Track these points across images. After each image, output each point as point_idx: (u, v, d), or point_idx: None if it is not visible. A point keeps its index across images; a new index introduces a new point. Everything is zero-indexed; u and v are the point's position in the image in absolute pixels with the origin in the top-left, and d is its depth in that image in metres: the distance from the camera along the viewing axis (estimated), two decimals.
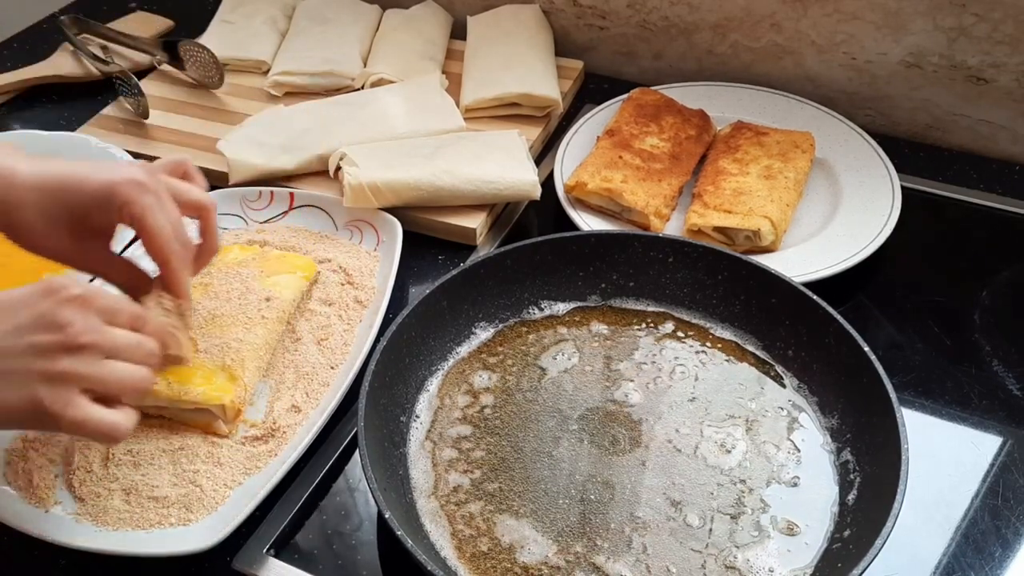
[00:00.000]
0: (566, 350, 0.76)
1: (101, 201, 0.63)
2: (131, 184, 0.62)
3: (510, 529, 0.64)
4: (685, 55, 1.09)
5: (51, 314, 0.54)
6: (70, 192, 0.63)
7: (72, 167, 0.63)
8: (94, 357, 0.55)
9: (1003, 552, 0.64)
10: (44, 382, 0.53)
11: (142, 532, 0.63)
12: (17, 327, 0.54)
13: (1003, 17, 0.92)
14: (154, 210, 0.62)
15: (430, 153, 0.91)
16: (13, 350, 0.53)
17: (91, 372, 0.55)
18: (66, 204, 0.63)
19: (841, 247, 0.83)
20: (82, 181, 0.63)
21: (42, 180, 0.63)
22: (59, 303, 0.55)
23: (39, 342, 0.54)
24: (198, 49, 1.06)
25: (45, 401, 0.53)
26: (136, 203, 0.62)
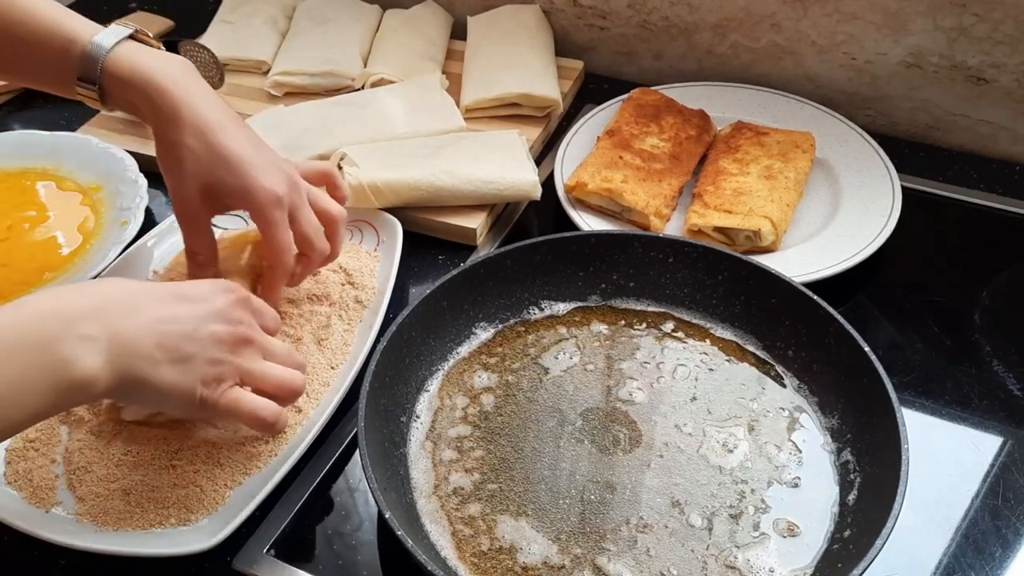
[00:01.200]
0: (566, 350, 0.76)
1: (238, 194, 0.68)
2: (270, 197, 0.68)
3: (510, 529, 0.64)
4: (685, 55, 1.09)
5: (227, 310, 0.60)
6: (220, 170, 0.67)
7: (239, 144, 0.68)
8: (256, 354, 0.62)
9: (1003, 552, 0.64)
10: (213, 368, 0.58)
11: (142, 532, 0.63)
12: (201, 316, 0.59)
13: (1003, 17, 0.92)
14: (279, 227, 0.68)
15: (430, 153, 0.91)
16: (196, 336, 0.58)
17: (253, 367, 0.61)
18: (215, 175, 0.67)
19: (841, 247, 0.83)
20: (236, 169, 0.67)
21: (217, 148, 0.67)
22: (232, 303, 0.61)
23: (218, 332, 0.59)
24: (198, 49, 1.06)
25: (210, 384, 0.58)
26: (265, 214, 0.68)
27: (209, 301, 0.60)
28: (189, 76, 0.69)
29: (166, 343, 0.56)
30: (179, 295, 0.59)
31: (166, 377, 0.56)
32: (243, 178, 0.67)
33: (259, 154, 0.69)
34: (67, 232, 0.89)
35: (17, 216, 0.91)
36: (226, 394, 0.60)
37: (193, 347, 0.57)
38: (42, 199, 0.94)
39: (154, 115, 0.68)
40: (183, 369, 0.57)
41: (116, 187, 0.92)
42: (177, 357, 0.57)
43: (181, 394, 0.57)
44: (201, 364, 0.58)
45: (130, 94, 0.68)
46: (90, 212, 0.91)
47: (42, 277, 0.84)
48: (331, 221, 0.74)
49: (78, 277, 0.82)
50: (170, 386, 0.57)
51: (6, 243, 0.88)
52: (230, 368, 0.60)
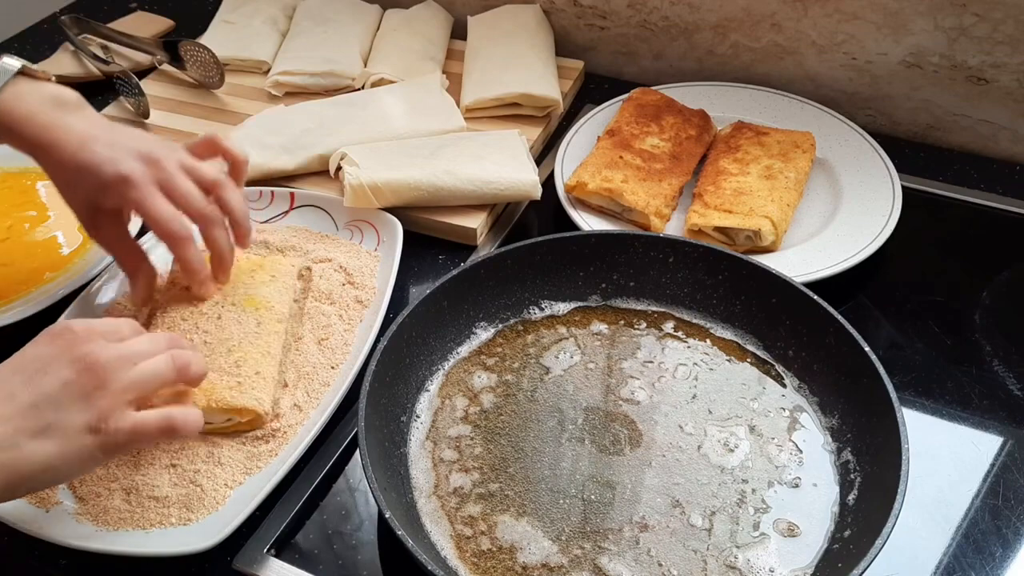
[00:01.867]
0: (567, 350, 0.76)
1: (102, 192, 0.69)
2: (118, 179, 0.68)
3: (510, 529, 0.64)
4: (685, 55, 1.09)
5: (64, 351, 0.56)
6: (84, 180, 0.69)
7: (91, 152, 0.69)
8: (122, 368, 0.57)
9: (1003, 552, 0.64)
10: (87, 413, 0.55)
11: (142, 532, 0.63)
12: (36, 374, 0.55)
13: (1004, 17, 0.92)
14: (144, 202, 0.69)
15: (430, 153, 0.91)
16: (44, 397, 0.54)
17: (126, 383, 0.57)
18: (82, 186, 0.70)
19: (841, 247, 0.83)
20: (88, 170, 0.69)
21: (78, 162, 0.69)
22: (66, 343, 0.57)
23: (65, 376, 0.55)
24: (198, 49, 1.06)
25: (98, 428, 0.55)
26: (128, 200, 0.69)
27: (41, 356, 0.56)
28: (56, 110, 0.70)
29: (19, 423, 0.53)
30: (10, 370, 0.56)
31: (43, 453, 0.53)
32: (95, 175, 0.68)
33: (112, 148, 0.69)
34: (67, 232, 0.89)
35: (17, 216, 0.91)
36: (120, 426, 0.56)
37: (49, 411, 0.54)
38: (42, 199, 0.93)
39: (28, 151, 0.71)
40: (55, 435, 0.54)
41: None
42: (38, 430, 0.53)
43: (77, 458, 0.54)
44: (70, 417, 0.54)
45: (5, 138, 0.71)
46: None
47: (42, 277, 0.84)
48: (209, 186, 0.72)
49: (78, 277, 0.82)
50: (57, 459, 0.54)
51: (6, 243, 0.88)
52: (105, 400, 0.55)
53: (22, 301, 0.81)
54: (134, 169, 0.68)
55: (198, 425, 0.60)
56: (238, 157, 0.76)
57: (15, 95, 0.70)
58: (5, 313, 0.79)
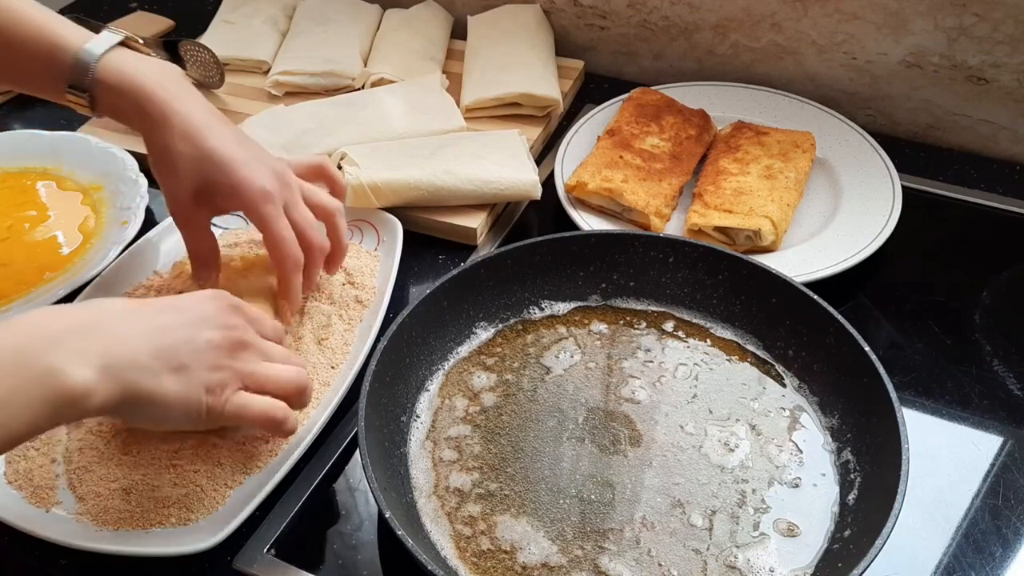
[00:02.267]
0: (567, 350, 0.76)
1: (229, 193, 0.69)
2: (259, 193, 0.68)
3: (510, 529, 0.64)
4: (685, 55, 1.09)
5: (219, 316, 0.60)
6: (209, 170, 0.68)
7: (227, 144, 0.69)
8: (255, 357, 0.61)
9: (1003, 552, 0.64)
10: (214, 374, 0.58)
11: (142, 532, 0.63)
12: (194, 323, 0.58)
13: (1003, 17, 0.92)
14: (274, 221, 0.69)
15: (430, 153, 0.91)
16: (191, 344, 0.57)
17: (255, 369, 0.61)
18: (204, 176, 0.68)
19: (841, 247, 0.83)
20: (224, 168, 0.68)
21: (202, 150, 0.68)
22: (223, 308, 0.61)
23: (213, 338, 0.58)
24: (198, 49, 1.06)
25: (214, 391, 0.58)
26: (256, 211, 0.68)
27: (199, 308, 0.60)
28: (176, 81, 0.70)
29: (162, 353, 0.56)
30: (169, 306, 0.59)
31: (169, 388, 0.56)
32: (231, 176, 0.68)
33: (247, 152, 0.70)
34: (67, 232, 0.89)
35: (18, 216, 0.91)
36: (232, 399, 0.59)
37: (190, 354, 0.57)
38: (42, 199, 0.94)
39: (143, 121, 0.68)
40: (184, 378, 0.56)
41: (116, 186, 0.92)
42: (176, 366, 0.56)
43: (185, 404, 0.57)
44: (201, 371, 0.57)
45: (119, 101, 0.69)
46: (90, 212, 0.91)
47: (43, 277, 0.84)
48: (327, 215, 0.74)
49: (79, 277, 0.82)
50: (174, 396, 0.56)
51: (6, 243, 0.88)
52: (231, 373, 0.59)
53: (22, 301, 0.81)
54: (274, 186, 0.69)
55: (293, 429, 0.63)
56: (343, 186, 0.79)
57: (122, 61, 0.68)
58: (5, 313, 0.79)
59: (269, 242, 0.70)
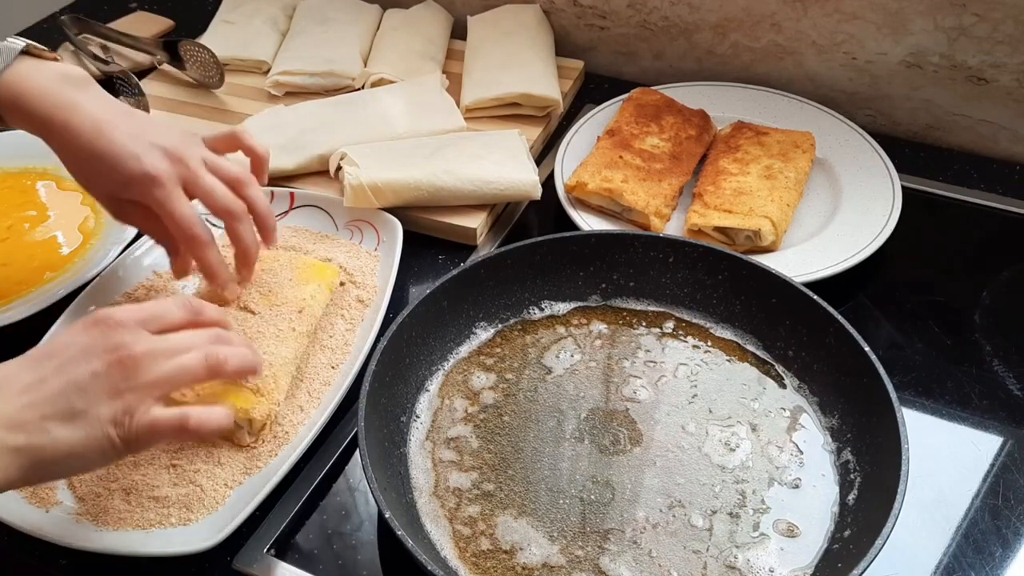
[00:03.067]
0: (567, 350, 0.76)
1: (126, 188, 0.68)
2: (146, 180, 0.67)
3: (510, 529, 0.64)
4: (685, 55, 1.09)
5: (97, 342, 0.56)
6: (105, 173, 0.67)
7: (116, 146, 0.67)
8: (153, 363, 0.56)
9: (1003, 552, 0.64)
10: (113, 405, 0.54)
11: (142, 532, 0.63)
12: (70, 364, 0.55)
13: (1003, 17, 0.92)
14: (167, 203, 0.67)
15: (430, 153, 0.91)
16: (75, 384, 0.54)
17: (154, 378, 0.56)
18: (103, 179, 0.68)
19: (841, 247, 0.83)
20: (114, 167, 0.67)
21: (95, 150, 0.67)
22: (100, 333, 0.56)
23: (97, 369, 0.54)
24: (198, 49, 1.06)
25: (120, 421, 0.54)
26: (150, 199, 0.67)
27: (75, 344, 0.56)
28: (74, 85, 0.68)
29: (47, 408, 0.53)
30: (43, 355, 0.56)
31: (70, 439, 0.53)
32: (118, 171, 0.67)
33: (135, 140, 0.67)
34: (67, 232, 0.89)
35: (17, 216, 0.91)
36: (141, 422, 0.55)
37: (77, 399, 0.54)
38: (42, 199, 0.93)
39: (45, 135, 0.68)
40: (80, 422, 0.53)
41: None
42: (66, 416, 0.53)
43: (95, 445, 0.54)
44: (97, 407, 0.54)
45: (20, 117, 0.68)
46: (90, 211, 0.91)
47: (43, 277, 0.84)
48: (235, 182, 0.71)
49: (79, 277, 0.82)
50: (76, 445, 0.53)
51: (6, 243, 0.88)
52: (132, 394, 0.55)
53: (22, 301, 0.81)
54: (159, 167, 0.67)
55: (218, 425, 0.58)
56: (260, 153, 0.75)
57: (22, 74, 0.67)
58: (5, 313, 0.79)
59: (171, 227, 0.68)
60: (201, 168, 0.69)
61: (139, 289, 0.81)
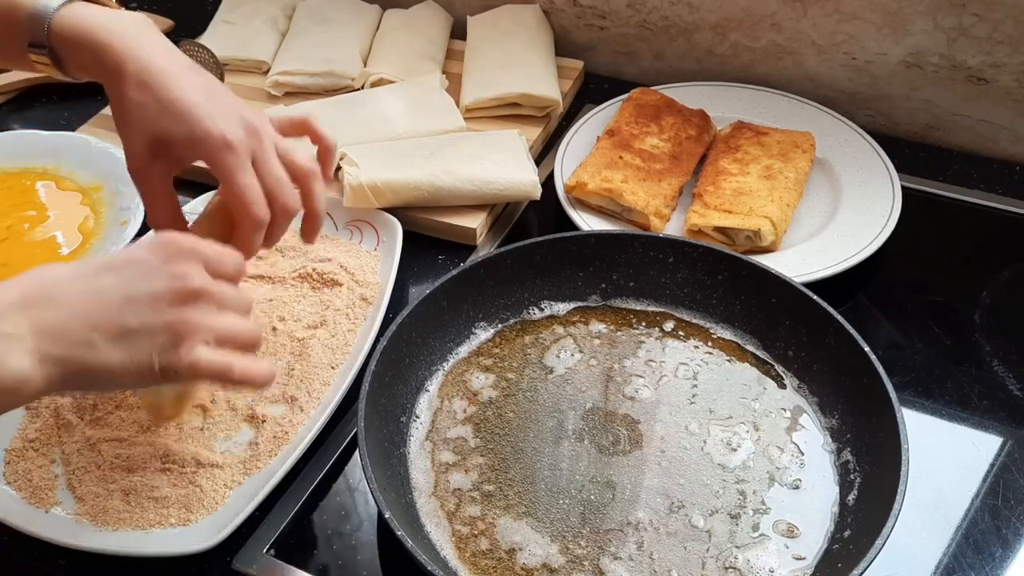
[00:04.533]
0: (566, 350, 0.76)
1: (187, 143, 0.63)
2: (218, 141, 0.62)
3: (510, 529, 0.64)
4: (685, 55, 1.09)
5: (163, 265, 0.54)
6: (165, 120, 0.63)
7: (188, 91, 0.63)
8: (208, 307, 0.55)
9: (1003, 552, 0.64)
10: (165, 332, 0.53)
11: (142, 532, 0.63)
12: (133, 280, 0.53)
13: (1003, 17, 0.92)
14: (237, 175, 0.63)
15: (430, 153, 0.91)
16: (132, 304, 0.52)
17: (208, 321, 0.54)
18: (156, 123, 0.63)
19: (841, 247, 0.83)
20: (182, 116, 0.62)
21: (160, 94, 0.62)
22: (168, 256, 0.55)
23: (157, 290, 0.53)
24: (198, 49, 1.06)
25: (167, 350, 0.53)
26: (216, 162, 0.62)
27: (138, 262, 0.54)
28: (139, 28, 0.65)
29: (100, 322, 0.51)
30: (103, 266, 0.54)
31: (112, 358, 0.51)
32: (190, 124, 0.62)
33: (212, 100, 0.64)
34: (67, 232, 0.89)
35: (17, 216, 0.91)
36: (189, 356, 0.53)
37: (133, 317, 0.52)
38: (42, 199, 0.94)
39: (101, 73, 0.64)
40: (129, 344, 0.52)
41: (116, 187, 0.92)
42: (117, 333, 0.51)
43: (136, 370, 0.52)
44: (149, 332, 0.52)
45: (78, 54, 0.64)
46: (90, 212, 0.91)
47: None
48: (303, 176, 0.68)
49: None
50: (120, 367, 0.52)
51: (6, 243, 0.88)
52: (185, 327, 0.53)
53: None
54: (236, 134, 0.63)
55: (262, 381, 0.57)
56: (329, 143, 0.72)
57: (80, 13, 0.63)
58: None
59: (230, 195, 0.64)
60: (272, 150, 0.66)
61: None
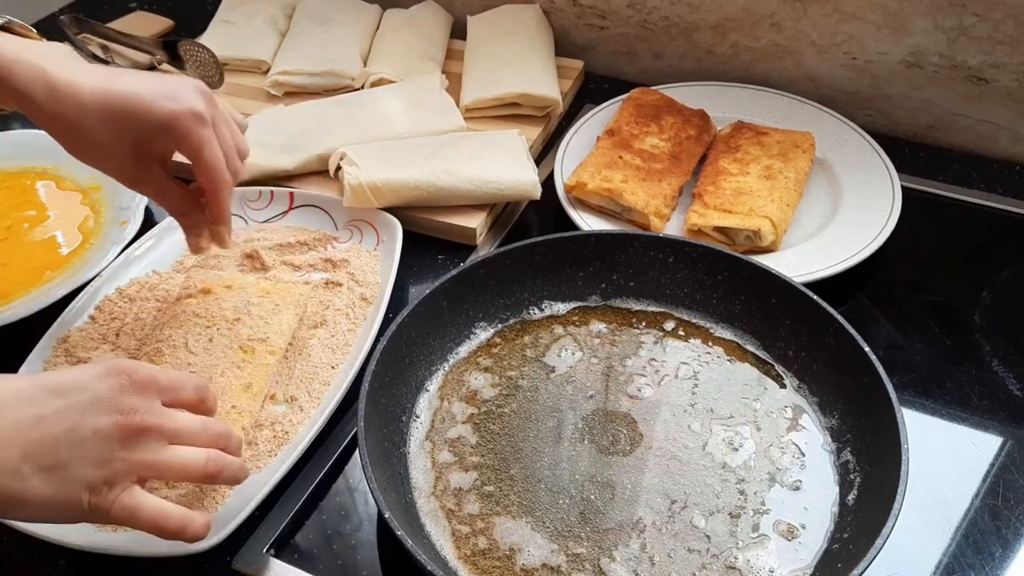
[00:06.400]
0: (566, 350, 0.76)
1: (163, 131, 0.63)
2: (191, 117, 0.63)
3: (510, 529, 0.64)
4: (685, 55, 1.09)
5: (114, 397, 0.52)
6: (135, 119, 0.63)
7: (138, 89, 0.63)
8: (159, 443, 0.54)
9: (1003, 552, 0.64)
10: (101, 470, 0.51)
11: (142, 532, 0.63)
12: (79, 410, 0.51)
13: (1003, 17, 0.92)
14: (210, 144, 0.64)
15: (430, 153, 0.91)
16: (73, 436, 0.51)
17: (154, 459, 0.53)
18: (130, 128, 0.63)
19: (841, 247, 0.83)
20: (147, 109, 0.63)
21: (108, 100, 0.62)
22: (121, 387, 0.53)
23: (102, 427, 0.51)
24: (198, 49, 1.06)
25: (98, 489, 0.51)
26: (193, 136, 0.63)
27: (89, 390, 0.52)
28: (66, 55, 0.64)
29: (33, 451, 0.49)
30: (52, 389, 0.51)
31: (37, 491, 0.49)
32: (155, 113, 0.62)
33: (157, 83, 0.64)
34: (67, 232, 0.89)
35: (17, 216, 0.91)
36: (120, 499, 0.52)
37: (69, 450, 0.50)
38: (42, 199, 0.94)
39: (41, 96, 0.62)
40: (57, 478, 0.50)
41: (116, 187, 0.92)
42: (49, 465, 0.50)
43: (61, 505, 0.51)
44: (82, 468, 0.50)
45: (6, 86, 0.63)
46: (90, 211, 0.91)
47: (42, 276, 0.84)
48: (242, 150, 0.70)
49: (78, 276, 0.82)
50: (43, 500, 0.50)
51: (6, 243, 0.88)
52: (122, 466, 0.52)
53: (22, 301, 0.81)
54: (199, 105, 0.63)
55: (196, 535, 0.56)
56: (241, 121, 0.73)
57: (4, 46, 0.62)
58: (5, 312, 0.78)
59: (204, 168, 0.64)
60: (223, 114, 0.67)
61: (134, 286, 0.81)
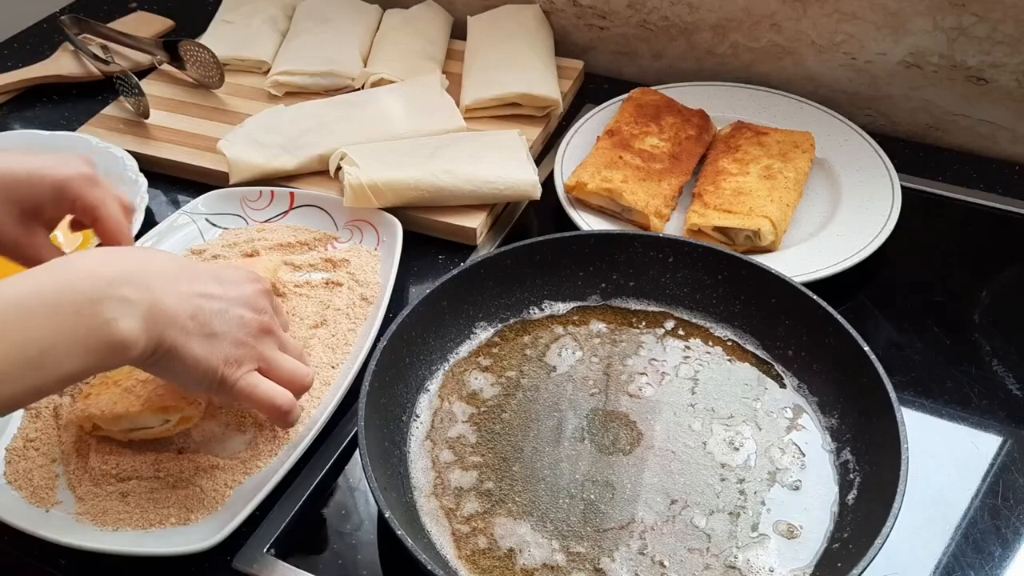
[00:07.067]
0: (566, 350, 0.76)
1: (54, 197, 0.66)
2: (83, 179, 0.66)
3: (510, 529, 0.64)
4: (685, 55, 1.09)
5: (254, 298, 0.62)
6: (23, 188, 0.65)
7: (22, 161, 0.66)
8: (274, 344, 0.63)
9: (1003, 552, 0.64)
10: (237, 349, 0.60)
11: (142, 532, 0.63)
12: (233, 298, 0.60)
13: (1003, 17, 0.92)
14: (107, 201, 0.67)
15: (430, 153, 0.91)
16: (225, 316, 0.59)
17: (272, 355, 0.63)
18: (19, 199, 0.65)
19: (841, 247, 0.83)
20: (37, 179, 0.66)
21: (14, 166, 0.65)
22: (258, 292, 0.63)
23: (244, 316, 0.61)
24: (198, 49, 1.06)
25: (232, 364, 0.59)
26: (88, 196, 0.66)
27: (241, 286, 0.62)
28: None
29: (200, 317, 0.57)
30: (215, 276, 0.61)
31: (195, 350, 0.57)
32: (49, 178, 0.65)
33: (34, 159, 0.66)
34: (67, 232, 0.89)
35: None
36: (245, 377, 0.60)
37: (222, 325, 0.59)
38: None
39: None
40: (210, 345, 0.58)
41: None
42: (207, 332, 0.58)
43: (205, 369, 0.58)
44: (227, 343, 0.59)
45: None
46: None
47: None
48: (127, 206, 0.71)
49: None
50: (197, 359, 0.57)
51: None
52: (252, 352, 0.61)
53: None
54: (86, 169, 0.66)
55: (295, 421, 0.64)
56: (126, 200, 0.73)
57: None
58: None
59: (105, 224, 0.67)
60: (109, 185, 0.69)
61: None
